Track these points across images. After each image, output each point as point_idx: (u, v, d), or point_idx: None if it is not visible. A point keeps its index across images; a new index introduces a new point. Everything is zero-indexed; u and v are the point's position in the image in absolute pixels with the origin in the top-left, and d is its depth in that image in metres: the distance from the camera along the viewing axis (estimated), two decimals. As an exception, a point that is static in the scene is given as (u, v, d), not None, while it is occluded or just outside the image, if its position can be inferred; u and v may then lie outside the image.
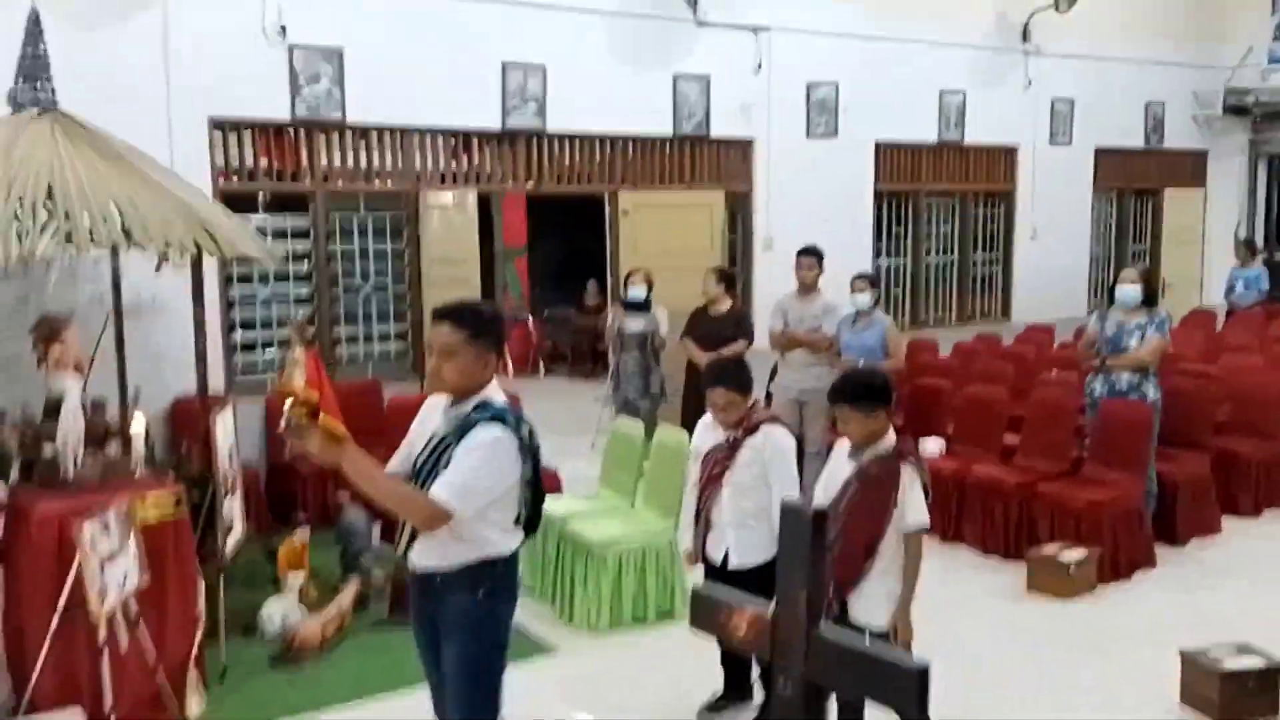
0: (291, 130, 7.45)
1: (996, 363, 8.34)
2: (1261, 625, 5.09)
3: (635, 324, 7.81)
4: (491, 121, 8.17)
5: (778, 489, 4.14)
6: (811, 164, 10.00)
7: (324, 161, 7.54)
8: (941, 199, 11.55)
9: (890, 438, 3.72)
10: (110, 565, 3.91)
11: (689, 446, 4.94)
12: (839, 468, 3.82)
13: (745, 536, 4.19)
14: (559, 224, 13.92)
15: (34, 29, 5.05)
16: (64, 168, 4.70)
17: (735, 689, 4.50)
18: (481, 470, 2.97)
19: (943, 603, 5.76)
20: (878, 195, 10.76)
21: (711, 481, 4.27)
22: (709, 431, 4.37)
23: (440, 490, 2.93)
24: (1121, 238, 13.54)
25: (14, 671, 4.10)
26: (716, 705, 4.47)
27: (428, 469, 3.04)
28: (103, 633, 3.87)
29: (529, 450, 3.12)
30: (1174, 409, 6.83)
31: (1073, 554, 5.83)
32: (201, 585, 4.53)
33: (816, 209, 9.67)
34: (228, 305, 7.26)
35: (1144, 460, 6.30)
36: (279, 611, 5.21)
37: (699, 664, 4.53)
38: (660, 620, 5.45)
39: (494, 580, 3.09)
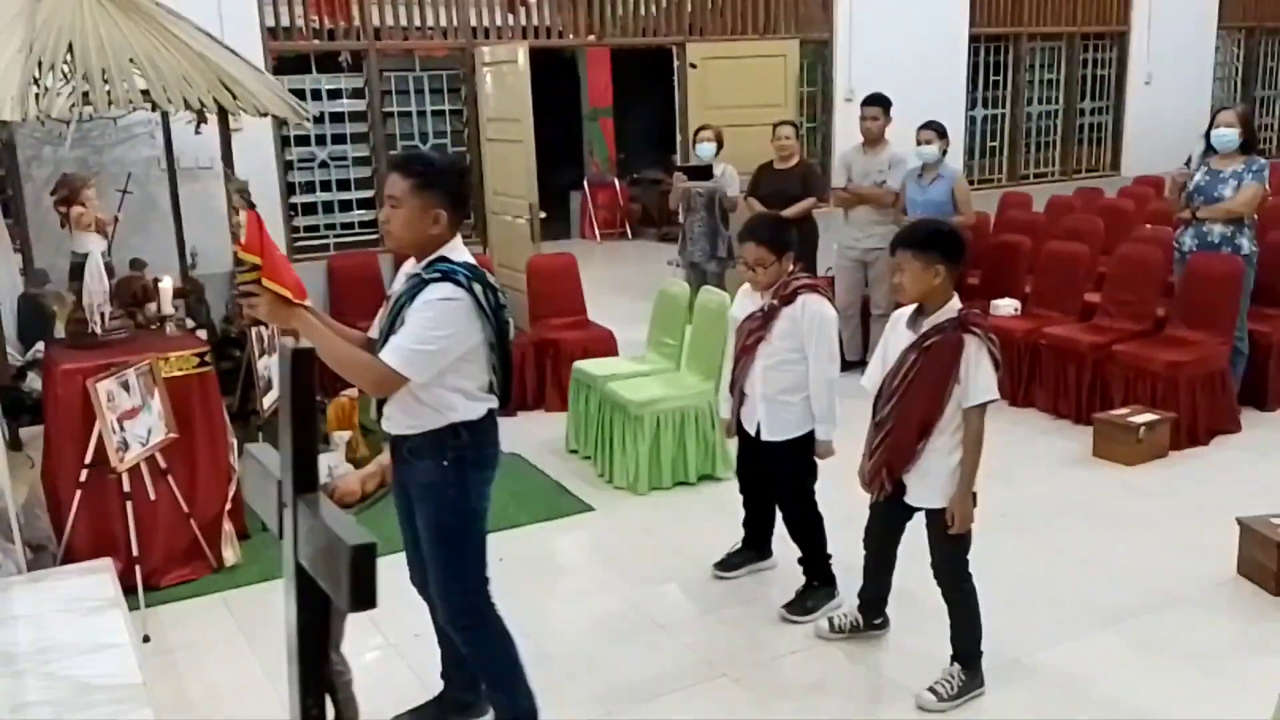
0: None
1: (1089, 218, 7.80)
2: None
3: (702, 183, 7.52)
4: (551, -30, 7.86)
5: (814, 363, 3.91)
6: (898, 7, 9.33)
7: (376, 19, 7.35)
8: (1046, 43, 10.72)
9: (954, 304, 3.35)
10: (131, 420, 3.99)
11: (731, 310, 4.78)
12: (897, 337, 3.46)
13: (776, 410, 3.98)
14: (650, 83, 13.51)
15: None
16: (86, 29, 4.68)
17: (753, 547, 4.43)
18: (430, 332, 2.79)
19: (1000, 467, 5.54)
20: (973, 40, 10.04)
21: (745, 351, 4.02)
22: (747, 298, 4.08)
23: (389, 355, 2.79)
24: (1248, 82, 12.42)
25: (54, 522, 4.27)
26: (730, 561, 4.41)
27: (385, 331, 2.90)
28: (127, 485, 3.98)
29: (489, 310, 2.88)
30: (1275, 264, 6.32)
31: (1143, 418, 5.51)
32: (234, 440, 4.63)
33: (903, 57, 9.05)
34: (285, 167, 7.24)
35: (1231, 318, 5.86)
36: (323, 466, 5.32)
37: (733, 525, 4.46)
38: (702, 483, 5.39)
39: (461, 448, 2.95)
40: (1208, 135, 6.04)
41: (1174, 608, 4.04)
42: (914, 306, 3.42)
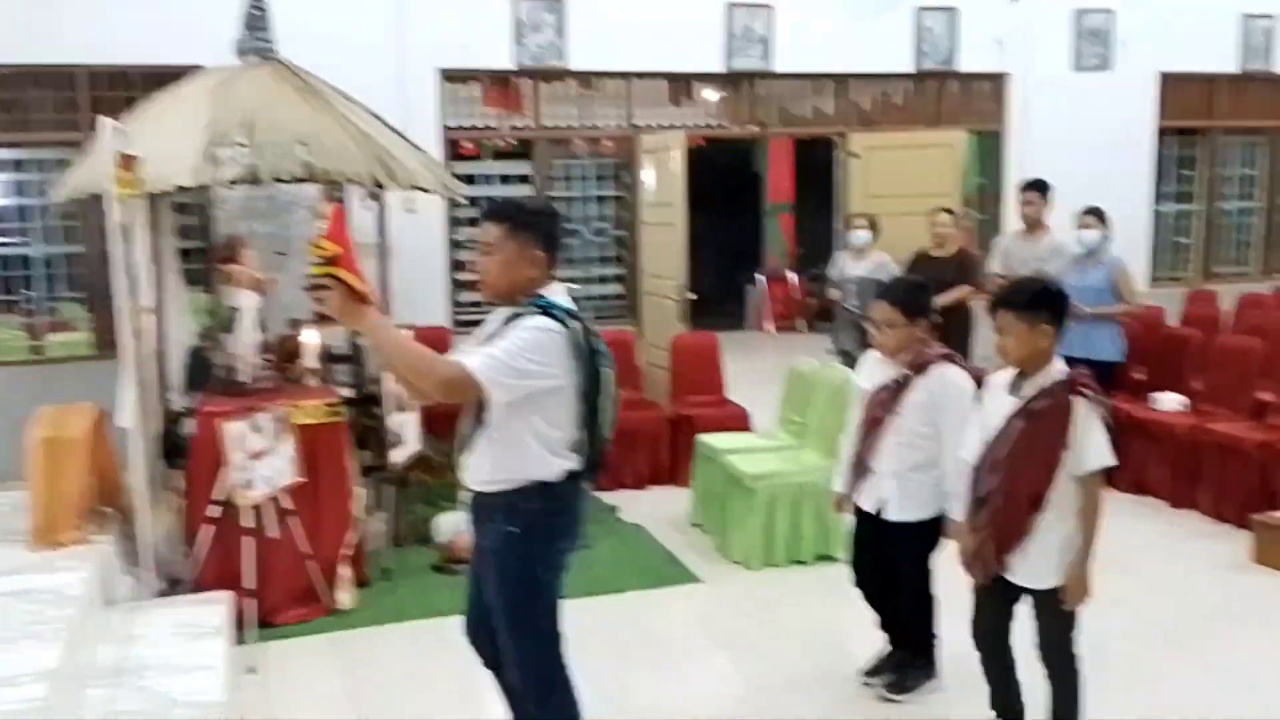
0: (516, 79, 7.77)
1: (1275, 315, 7.28)
2: None
3: (855, 270, 7.50)
4: (714, 64, 8.10)
5: (948, 438, 3.57)
6: (1078, 99, 9.09)
7: (545, 109, 7.80)
8: (1243, 136, 10.16)
9: (1058, 367, 3.14)
10: (259, 461, 4.30)
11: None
12: (997, 405, 3.22)
13: (908, 488, 3.71)
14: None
15: (254, -19, 5.59)
16: (262, 108, 5.18)
17: (903, 650, 3.99)
18: (520, 351, 2.66)
19: (1151, 570, 5.17)
20: (1161, 133, 9.63)
21: (874, 424, 3.75)
22: (877, 368, 3.83)
23: (469, 358, 2.67)
24: None
25: (190, 556, 4.61)
26: (878, 668, 4.01)
27: None
28: (249, 522, 4.27)
29: (586, 353, 2.75)
30: None
31: (1311, 524, 5.03)
32: (360, 490, 4.89)
33: (1082, 148, 8.81)
34: (453, 245, 7.68)
35: None
36: (449, 524, 5.52)
37: (845, 607, 4.28)
38: (818, 563, 5.26)
39: (531, 514, 2.81)
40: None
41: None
42: (1013, 371, 3.24)
